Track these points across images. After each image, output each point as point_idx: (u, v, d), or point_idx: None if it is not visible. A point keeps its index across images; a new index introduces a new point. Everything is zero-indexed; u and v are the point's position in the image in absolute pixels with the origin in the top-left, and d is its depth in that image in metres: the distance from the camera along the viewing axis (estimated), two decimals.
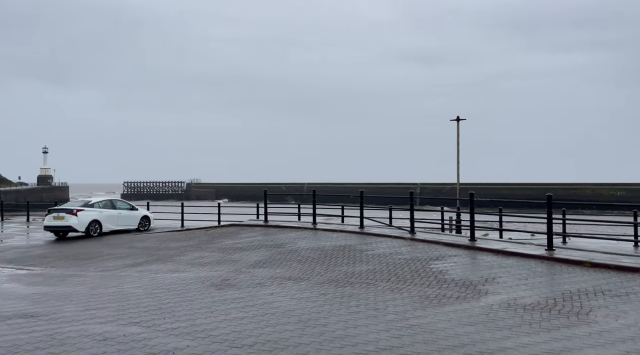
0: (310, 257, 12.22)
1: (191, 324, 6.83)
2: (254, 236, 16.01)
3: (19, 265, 12.85)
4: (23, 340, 6.27)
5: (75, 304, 8.17)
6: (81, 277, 10.84)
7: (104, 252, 14.99)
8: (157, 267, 11.99)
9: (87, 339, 6.23)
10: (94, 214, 19.05)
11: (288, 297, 8.39)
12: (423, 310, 7.42)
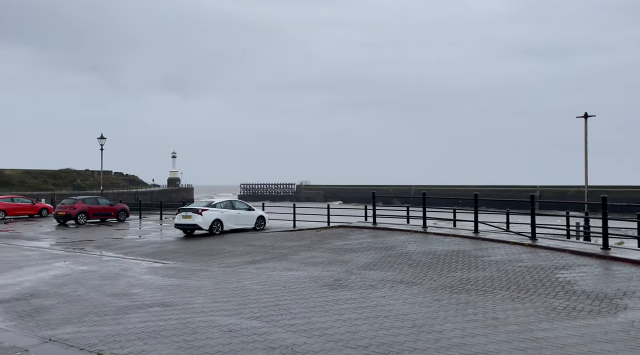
0: (422, 261, 11.96)
1: (307, 321, 7.08)
2: (363, 238, 16.10)
3: (155, 259, 14.36)
4: (161, 326, 7.00)
5: (203, 296, 8.91)
6: (207, 272, 11.80)
7: (226, 249, 16.14)
8: (273, 265, 12.61)
9: (215, 330, 6.76)
10: (217, 214, 20.62)
11: (401, 300, 8.30)
12: (549, 322, 6.86)
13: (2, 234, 21.82)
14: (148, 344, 6.21)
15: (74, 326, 7.12)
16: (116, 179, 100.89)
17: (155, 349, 6.01)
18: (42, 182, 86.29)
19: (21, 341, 6.39)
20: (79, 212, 26.58)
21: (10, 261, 13.70)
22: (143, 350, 5.97)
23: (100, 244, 18.06)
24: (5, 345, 6.22)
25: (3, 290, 9.73)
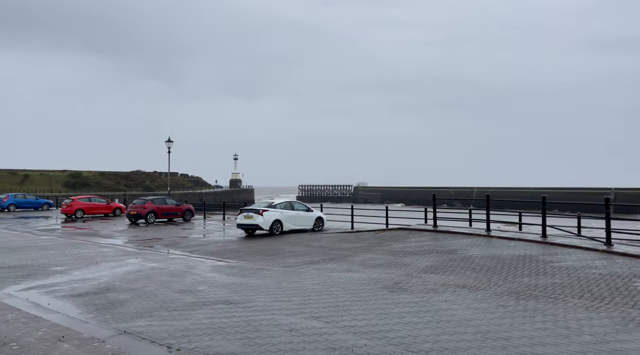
0: (486, 265, 11.55)
1: (367, 323, 7.05)
2: (423, 241, 15.80)
3: (218, 258, 14.87)
4: (226, 323, 7.24)
5: (264, 295, 9.12)
6: (268, 271, 12.06)
7: (285, 249, 16.42)
8: (332, 266, 12.67)
9: (277, 328, 6.90)
10: (277, 214, 21.03)
11: (464, 306, 8.07)
12: (628, 334, 6.41)
13: (82, 232, 23.47)
14: (214, 339, 6.45)
15: (145, 320, 7.52)
16: (182, 180, 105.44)
17: (221, 344, 6.22)
18: (116, 183, 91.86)
19: (99, 333, 6.84)
20: (148, 211, 28.04)
21: (89, 257, 14.70)
22: (209, 345, 6.20)
23: (168, 243, 18.94)
24: (85, 336, 6.68)
25: (83, 285, 10.46)
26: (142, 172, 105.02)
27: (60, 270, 12.27)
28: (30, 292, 9.66)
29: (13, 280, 11.02)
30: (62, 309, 8.29)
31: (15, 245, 17.74)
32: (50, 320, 7.49)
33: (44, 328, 7.02)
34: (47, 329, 6.96)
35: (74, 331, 6.86)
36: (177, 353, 5.95)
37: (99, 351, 6.00)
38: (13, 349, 6.09)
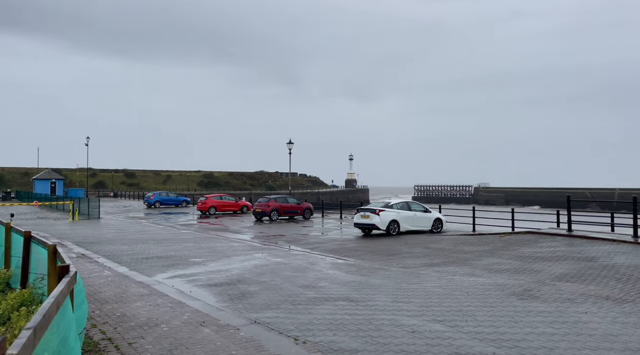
0: (634, 276, 10.25)
1: (494, 330, 6.70)
2: (556, 246, 14.51)
3: (337, 256, 15.24)
4: (348, 320, 7.40)
5: (384, 295, 9.13)
6: (387, 271, 12.05)
7: (403, 250, 16.25)
8: (453, 269, 12.25)
9: (398, 329, 6.87)
10: (393, 215, 20.90)
11: (608, 319, 7.26)
12: None
13: (214, 227, 25.69)
14: (337, 335, 6.63)
15: (273, 312, 8.00)
16: (301, 180, 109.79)
17: (344, 340, 6.38)
18: (242, 182, 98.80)
19: (233, 321, 7.44)
20: (272, 209, 29.72)
21: (222, 251, 16.04)
22: (333, 340, 6.40)
23: (290, 239, 19.89)
24: (222, 322, 7.31)
25: (218, 276, 11.45)
26: (265, 173, 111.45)
27: (198, 262, 13.57)
28: (174, 280, 10.83)
29: (160, 268, 12.45)
30: (202, 296, 9.17)
31: (161, 237, 20.02)
32: (192, 306, 8.33)
33: (188, 313, 7.84)
34: (190, 314, 7.76)
35: (213, 318, 7.55)
36: (302, 345, 6.23)
37: (235, 338, 6.52)
38: (163, 330, 6.89)
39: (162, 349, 6.03)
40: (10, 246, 9.21)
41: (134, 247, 16.70)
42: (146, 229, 23.90)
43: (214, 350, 6.00)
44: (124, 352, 5.92)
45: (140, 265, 12.95)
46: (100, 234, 21.62)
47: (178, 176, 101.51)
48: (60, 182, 67.28)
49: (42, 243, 6.79)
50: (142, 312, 7.91)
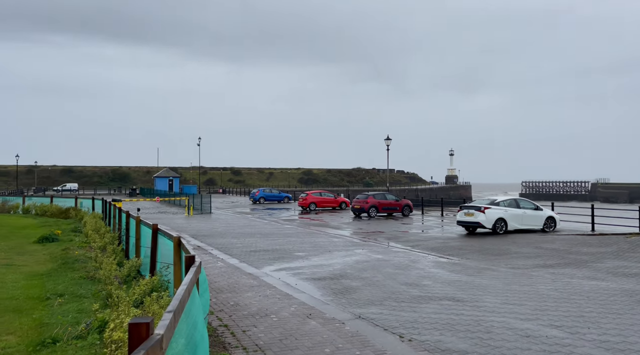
0: None
1: (623, 340, 6.09)
2: None
3: (440, 254, 14.84)
4: (454, 320, 7.19)
5: (493, 296, 8.72)
6: (494, 272, 11.48)
7: (511, 249, 15.35)
8: (570, 272, 11.32)
9: (510, 332, 6.53)
10: (500, 212, 19.81)
11: None
12: None
13: (315, 223, 26.38)
14: (444, 335, 6.48)
15: (376, 308, 8.03)
16: (398, 176, 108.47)
17: (451, 340, 6.22)
18: (340, 179, 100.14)
19: (338, 315, 7.60)
20: (370, 206, 29.76)
21: (323, 246, 16.44)
22: (440, 340, 6.26)
23: (389, 236, 19.77)
24: (327, 316, 7.50)
25: (321, 270, 11.76)
26: (362, 169, 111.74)
27: (301, 256, 14.04)
28: (281, 273, 11.32)
29: (267, 261, 13.09)
30: (307, 290, 9.49)
31: (266, 232, 21.04)
32: (298, 298, 8.66)
33: (295, 305, 8.16)
34: (297, 306, 8.07)
35: (318, 311, 7.78)
36: (409, 343, 6.18)
37: (340, 331, 6.67)
38: (273, 320, 7.25)
39: (273, 338, 6.35)
40: (140, 237, 10.29)
41: (243, 241, 17.74)
42: (252, 224, 25.25)
43: (321, 342, 6.18)
44: (239, 339, 6.33)
45: (249, 257, 13.72)
46: (212, 227, 23.27)
47: (279, 173, 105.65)
48: (177, 180, 73.51)
49: (168, 235, 7.48)
50: (253, 302, 8.40)
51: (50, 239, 14.98)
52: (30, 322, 6.44)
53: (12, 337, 5.87)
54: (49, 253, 12.69)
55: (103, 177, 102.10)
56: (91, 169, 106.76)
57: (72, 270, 10.08)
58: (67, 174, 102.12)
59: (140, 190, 72.06)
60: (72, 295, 7.86)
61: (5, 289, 8.34)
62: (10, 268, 10.37)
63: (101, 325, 5.76)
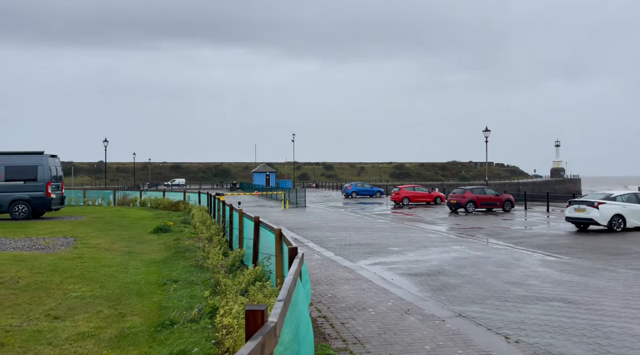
0: None
1: None
2: None
3: (546, 252, 13.84)
4: (567, 323, 6.67)
5: (612, 299, 7.95)
6: (612, 273, 10.46)
7: (632, 249, 13.88)
8: None
9: (634, 339, 5.92)
10: (617, 208, 17.99)
11: None
12: None
13: (409, 217, 25.97)
14: (555, 338, 6.05)
15: (478, 306, 7.71)
16: (497, 170, 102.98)
17: (564, 345, 5.78)
18: (433, 173, 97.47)
19: (437, 312, 7.41)
20: (468, 201, 28.59)
21: (418, 241, 16.13)
22: (550, 343, 5.86)
23: (489, 232, 18.85)
24: (426, 312, 7.36)
25: (417, 266, 11.56)
26: (458, 163, 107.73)
27: (396, 251, 13.90)
28: (376, 267, 11.31)
29: (362, 255, 13.14)
30: (403, 285, 9.38)
31: (360, 226, 21.13)
32: (395, 293, 8.59)
33: (392, 300, 8.11)
34: (394, 301, 8.01)
35: (416, 307, 7.65)
36: (515, 345, 5.86)
37: (440, 329, 6.50)
38: (371, 314, 7.27)
39: (372, 332, 6.37)
40: (243, 229, 10.87)
41: (337, 234, 17.98)
42: (345, 218, 25.50)
43: (421, 338, 6.08)
44: (338, 331, 6.44)
45: (344, 251, 13.88)
46: (307, 220, 23.89)
47: (371, 168, 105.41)
48: (273, 175, 76.52)
49: (269, 227, 7.82)
50: (350, 295, 8.48)
51: (164, 229, 16.37)
52: (150, 305, 7.10)
53: (137, 317, 6.52)
54: (163, 242, 13.88)
55: (207, 173, 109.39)
56: (196, 165, 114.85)
57: (184, 258, 10.92)
58: (176, 170, 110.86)
59: (239, 185, 76.09)
60: (185, 281, 8.52)
61: (129, 274, 9.28)
62: (132, 255, 11.52)
63: (212, 311, 6.18)
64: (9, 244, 12.52)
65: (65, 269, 9.27)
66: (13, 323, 6.11)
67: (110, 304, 7.06)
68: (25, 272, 8.81)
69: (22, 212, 19.66)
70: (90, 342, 5.53)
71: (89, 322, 6.25)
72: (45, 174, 19.94)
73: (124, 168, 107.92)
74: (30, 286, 7.89)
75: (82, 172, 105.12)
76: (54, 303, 7.02)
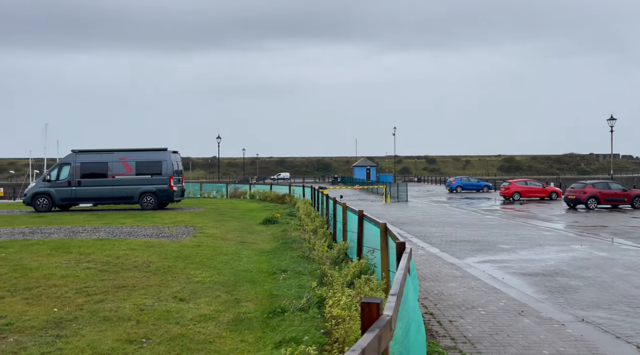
0: None
1: None
2: None
3: None
4: None
5: None
6: None
7: None
8: None
9: None
10: None
11: None
12: None
13: (520, 214, 24.39)
14: None
15: (604, 312, 7.03)
16: (624, 162, 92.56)
17: None
18: (548, 166, 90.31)
19: (555, 315, 6.90)
20: (589, 196, 26.08)
21: (531, 239, 15.09)
22: None
23: (615, 231, 17.04)
24: (543, 315, 6.88)
25: (531, 265, 10.84)
26: (576, 155, 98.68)
27: (506, 249, 13.15)
28: (484, 265, 10.81)
29: (469, 252, 12.64)
30: (516, 285, 8.85)
31: (466, 222, 20.31)
32: (507, 293, 8.14)
33: (504, 300, 7.70)
34: (506, 301, 7.61)
35: (532, 308, 7.19)
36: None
37: (560, 334, 6.04)
38: (481, 313, 6.98)
39: (483, 332, 6.12)
40: (347, 223, 11.03)
41: (442, 230, 17.48)
42: (450, 213, 24.67)
43: (538, 342, 5.71)
44: (446, 329, 6.29)
45: (450, 247, 13.46)
46: (409, 215, 23.54)
47: (477, 161, 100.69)
48: (374, 169, 76.42)
49: (374, 221, 7.84)
50: (458, 292, 8.22)
51: (272, 221, 17.19)
52: (262, 293, 7.52)
53: (251, 303, 6.95)
54: (271, 233, 14.59)
55: (309, 167, 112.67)
56: (300, 159, 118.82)
57: (291, 249, 11.38)
58: (281, 164, 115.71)
59: (340, 179, 77.19)
60: (293, 271, 8.88)
61: (242, 262, 9.91)
62: (243, 245, 12.27)
63: (319, 301, 6.38)
64: (140, 232, 14.04)
65: (187, 255, 10.16)
66: (146, 303, 6.85)
67: (227, 290, 7.61)
68: (154, 257, 9.82)
69: (150, 203, 21.86)
70: (211, 324, 6.02)
71: (209, 305, 6.80)
72: (168, 169, 21.97)
73: (234, 163, 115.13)
74: (159, 270, 8.79)
75: (197, 166, 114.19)
76: (179, 286, 7.74)
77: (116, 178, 21.72)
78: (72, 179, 21.54)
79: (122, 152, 22.26)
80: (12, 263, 9.10)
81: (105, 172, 21.73)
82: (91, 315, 6.24)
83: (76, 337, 5.52)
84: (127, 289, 7.50)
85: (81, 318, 6.16)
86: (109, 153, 22.15)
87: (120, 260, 9.46)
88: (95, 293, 7.25)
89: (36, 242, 11.60)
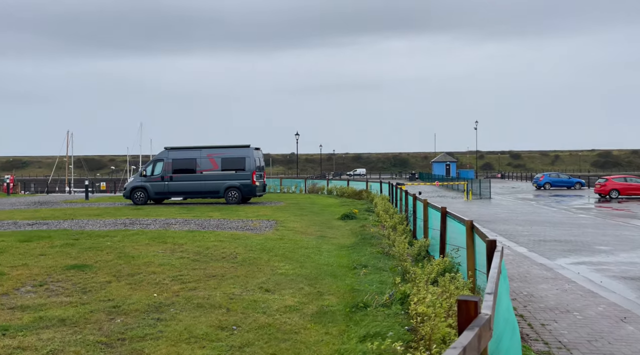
0: None
1: None
2: None
3: None
4: None
5: None
6: None
7: None
8: None
9: None
10: None
11: None
12: None
13: (618, 213, 22.44)
14: None
15: None
16: None
17: None
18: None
19: None
20: None
21: (633, 240, 13.83)
22: None
23: None
24: None
25: (633, 268, 9.96)
26: None
27: (604, 250, 12.18)
28: (579, 267, 10.09)
29: (560, 253, 11.87)
30: (616, 289, 8.19)
31: (555, 221, 19.07)
32: (606, 298, 7.56)
33: (603, 305, 7.15)
34: (605, 306, 7.06)
35: (636, 315, 6.62)
36: None
37: None
38: (577, 318, 6.54)
39: (579, 338, 5.74)
40: (428, 219, 10.81)
41: (529, 228, 16.56)
42: (538, 211, 23.29)
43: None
44: (537, 332, 5.97)
45: (539, 247, 12.72)
46: (493, 213, 22.54)
47: (567, 156, 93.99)
48: (454, 164, 74.03)
49: (458, 219, 7.62)
50: (550, 295, 7.76)
51: (350, 216, 17.28)
52: (344, 287, 7.61)
53: (333, 297, 7.06)
54: (349, 229, 14.67)
55: (385, 163, 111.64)
56: (376, 155, 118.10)
57: (370, 245, 11.38)
58: (357, 160, 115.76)
59: (418, 175, 75.65)
60: (373, 267, 8.88)
61: (323, 256, 10.08)
62: (323, 239, 12.47)
63: (402, 298, 6.32)
64: (226, 224, 14.75)
65: (271, 248, 10.52)
66: (235, 292, 7.21)
67: (309, 283, 7.78)
68: (241, 249, 10.28)
69: (234, 198, 22.88)
70: (296, 315, 6.20)
71: (293, 297, 7.00)
72: (251, 165, 22.85)
73: (312, 159, 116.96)
74: (245, 261, 9.19)
75: (276, 162, 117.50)
76: (265, 277, 8.05)
77: (204, 173, 22.96)
78: (165, 174, 23.09)
79: (209, 148, 23.48)
80: (116, 251, 9.98)
81: (194, 168, 23.05)
82: (186, 302, 6.69)
83: (174, 321, 5.95)
84: (217, 278, 7.92)
85: (177, 304, 6.62)
86: (197, 150, 23.46)
87: (210, 251, 10.01)
88: (188, 281, 7.75)
89: (136, 232, 12.60)
